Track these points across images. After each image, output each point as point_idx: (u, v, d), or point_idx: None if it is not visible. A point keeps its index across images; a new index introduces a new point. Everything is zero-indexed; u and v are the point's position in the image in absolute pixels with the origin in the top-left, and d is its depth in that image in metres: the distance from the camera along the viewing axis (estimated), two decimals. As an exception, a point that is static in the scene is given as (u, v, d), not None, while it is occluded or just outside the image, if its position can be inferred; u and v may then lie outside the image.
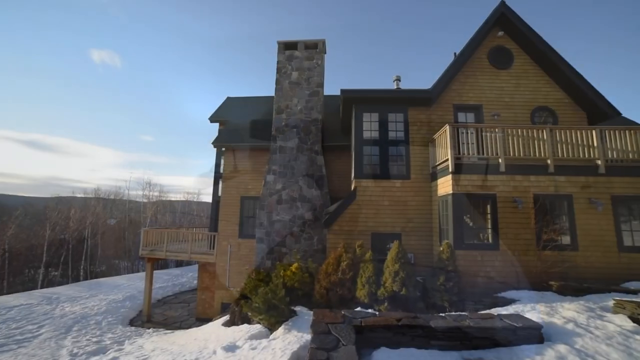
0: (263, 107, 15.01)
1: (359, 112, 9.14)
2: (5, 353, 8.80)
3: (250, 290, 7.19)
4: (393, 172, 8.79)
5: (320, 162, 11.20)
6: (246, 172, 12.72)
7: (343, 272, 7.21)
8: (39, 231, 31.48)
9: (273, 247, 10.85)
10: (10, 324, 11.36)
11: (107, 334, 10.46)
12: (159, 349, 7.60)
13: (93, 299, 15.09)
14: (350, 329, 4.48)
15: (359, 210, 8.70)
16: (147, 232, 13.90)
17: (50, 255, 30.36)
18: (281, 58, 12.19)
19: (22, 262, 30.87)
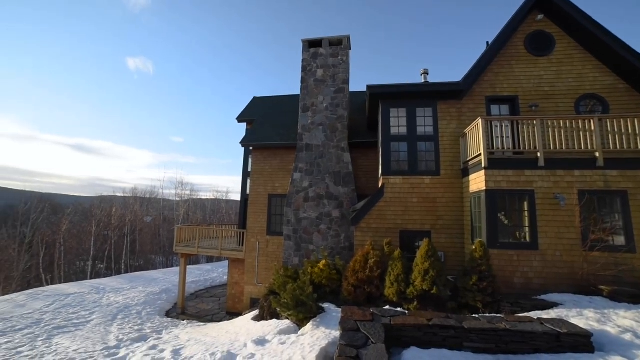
0: (289, 106, 15.19)
1: (385, 108, 8.97)
2: (66, 334, 9.77)
3: (279, 286, 7.33)
4: (422, 168, 8.55)
5: (347, 159, 11.14)
6: (273, 170, 12.92)
7: (371, 270, 7.15)
8: (86, 227, 34.17)
9: (300, 244, 10.96)
10: (68, 309, 12.53)
11: (146, 323, 11.14)
12: (194, 340, 7.96)
13: (133, 290, 16.10)
14: (379, 327, 4.43)
15: (386, 207, 8.56)
16: (180, 229, 14.57)
17: (96, 249, 32.84)
18: (306, 56, 12.23)
19: (74, 255, 33.72)
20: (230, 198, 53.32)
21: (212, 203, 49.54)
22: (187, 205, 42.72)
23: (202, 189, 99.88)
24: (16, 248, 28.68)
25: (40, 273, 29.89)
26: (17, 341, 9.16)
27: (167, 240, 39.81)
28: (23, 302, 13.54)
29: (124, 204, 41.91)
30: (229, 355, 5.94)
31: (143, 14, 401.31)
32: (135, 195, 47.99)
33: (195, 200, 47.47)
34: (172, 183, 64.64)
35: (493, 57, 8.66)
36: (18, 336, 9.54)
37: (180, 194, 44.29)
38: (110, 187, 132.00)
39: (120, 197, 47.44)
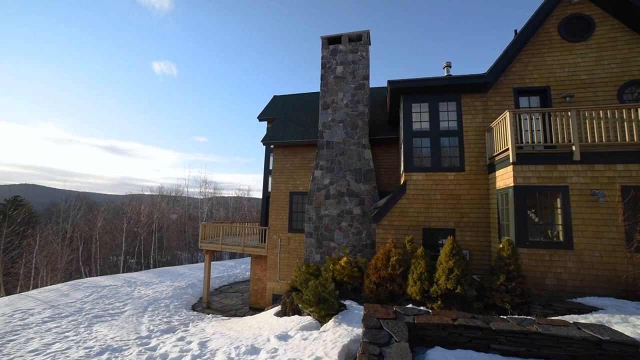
0: (309, 103, 15.23)
1: (407, 103, 8.78)
2: (104, 322, 10.43)
3: (301, 283, 7.39)
4: (445, 164, 8.31)
5: (368, 156, 11.02)
6: (294, 168, 13.03)
7: (393, 268, 7.05)
8: (118, 224, 36.11)
9: (321, 242, 11.00)
10: (105, 300, 13.34)
11: (174, 316, 11.62)
12: (219, 333, 8.21)
13: (161, 284, 16.83)
14: (402, 326, 4.37)
15: (409, 204, 8.40)
16: (205, 226, 15.03)
17: (127, 244, 34.64)
18: (325, 53, 12.19)
19: (108, 250, 35.78)
20: (251, 196, 54.39)
21: (235, 201, 50.72)
22: (211, 203, 44.00)
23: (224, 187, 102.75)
24: (59, 242, 30.80)
25: (79, 266, 31.99)
26: (64, 327, 9.92)
27: (192, 237, 41.28)
28: (67, 291, 14.59)
29: (151, 202, 43.82)
30: (253, 349, 6.08)
31: (167, 19, 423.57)
32: (161, 193, 50.09)
33: (218, 198, 48.81)
34: (196, 181, 66.91)
35: (522, 46, 8.21)
36: (64, 322, 10.33)
37: (204, 192, 45.69)
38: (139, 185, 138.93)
39: (148, 195, 49.62)
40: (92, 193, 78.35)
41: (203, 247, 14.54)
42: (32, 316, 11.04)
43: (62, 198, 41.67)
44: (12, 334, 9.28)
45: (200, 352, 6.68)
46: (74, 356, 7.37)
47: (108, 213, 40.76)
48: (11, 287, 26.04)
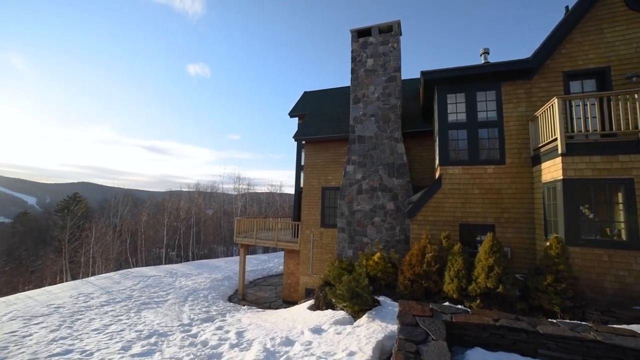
0: (340, 98, 15.14)
1: (442, 94, 8.41)
2: (150, 309, 11.24)
3: (334, 277, 7.42)
4: (484, 157, 7.86)
5: (401, 150, 10.75)
6: (326, 163, 13.04)
7: (428, 264, 6.85)
8: (160, 219, 38.61)
9: (354, 237, 10.95)
10: (150, 289, 14.35)
11: (212, 306, 12.21)
12: (254, 324, 8.51)
13: (200, 276, 17.76)
14: (440, 324, 4.23)
15: (444, 199, 8.09)
16: (240, 221, 15.57)
17: (168, 238, 36.96)
18: (355, 46, 12.00)
19: (151, 242, 38.47)
20: (283, 191, 55.43)
21: (267, 196, 52.04)
22: (244, 198, 45.52)
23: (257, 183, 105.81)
24: (111, 235, 33.68)
25: (128, 256, 34.77)
26: (118, 311, 10.87)
27: (227, 231, 43.06)
28: (118, 280, 15.95)
29: (189, 198, 46.27)
30: (287, 340, 6.22)
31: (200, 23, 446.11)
32: (198, 190, 52.67)
33: (251, 194, 50.36)
34: (231, 178, 69.77)
35: (575, 23, 7.38)
36: (118, 307, 11.32)
37: (238, 188, 47.36)
38: (177, 182, 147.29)
39: (186, 192, 52.48)
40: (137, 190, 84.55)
41: (238, 242, 15.08)
42: (93, 300, 12.25)
43: (112, 195, 45.45)
44: (79, 314, 10.43)
45: (238, 341, 6.97)
46: (127, 337, 8.04)
47: (151, 209, 43.75)
48: (75, 273, 29.08)
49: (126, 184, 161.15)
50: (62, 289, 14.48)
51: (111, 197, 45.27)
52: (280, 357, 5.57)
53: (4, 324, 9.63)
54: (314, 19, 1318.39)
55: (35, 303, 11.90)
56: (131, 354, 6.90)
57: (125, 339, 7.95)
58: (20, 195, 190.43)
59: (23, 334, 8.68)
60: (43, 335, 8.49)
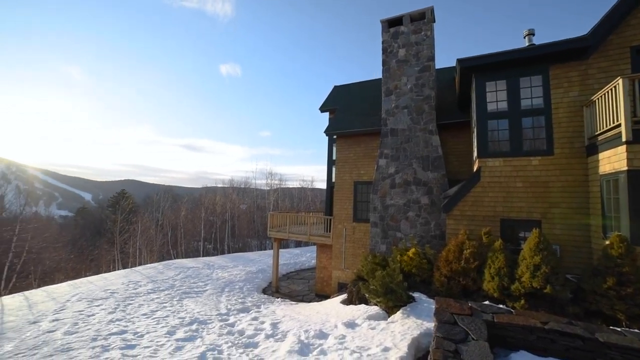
0: (370, 91, 14.86)
1: (480, 82, 7.92)
2: (191, 298, 11.91)
3: (367, 272, 7.36)
4: (528, 147, 7.29)
5: (436, 143, 10.33)
6: (358, 157, 12.89)
7: (466, 261, 6.55)
8: (197, 214, 40.71)
9: (387, 232, 10.76)
10: (190, 280, 15.19)
11: (247, 298, 12.68)
12: (288, 316, 8.70)
13: (235, 268, 18.47)
14: (480, 324, 4.03)
15: (483, 193, 7.65)
16: (273, 216, 15.94)
17: (205, 232, 38.87)
18: (386, 37, 11.66)
19: (190, 236, 40.76)
20: (315, 186, 55.85)
21: (299, 191, 52.72)
22: (277, 194, 46.49)
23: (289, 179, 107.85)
24: (154, 228, 36.22)
25: (169, 249, 37.17)
26: (162, 298, 11.65)
27: (260, 225, 44.34)
28: (161, 270, 17.10)
29: (224, 194, 48.14)
30: (321, 333, 6.29)
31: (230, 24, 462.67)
32: (232, 185, 54.61)
33: (283, 189, 51.30)
34: (263, 174, 71.32)
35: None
36: (162, 295, 12.14)
37: (270, 184, 48.45)
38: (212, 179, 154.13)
39: (220, 187, 54.59)
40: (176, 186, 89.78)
41: (272, 235, 15.46)
42: (141, 287, 13.24)
43: (154, 191, 48.65)
44: (130, 300, 11.35)
45: (273, 332, 7.18)
46: (172, 323, 8.61)
47: (189, 204, 46.25)
48: (125, 263, 31.78)
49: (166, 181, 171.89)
50: (115, 276, 15.85)
51: (153, 194, 48.62)
52: (314, 349, 5.65)
53: (73, 303, 10.95)
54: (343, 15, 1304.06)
55: (95, 287, 13.17)
56: (176, 338, 7.37)
57: (170, 324, 8.51)
58: (79, 192, 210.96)
59: (88, 314, 9.73)
60: (103, 316, 9.39)
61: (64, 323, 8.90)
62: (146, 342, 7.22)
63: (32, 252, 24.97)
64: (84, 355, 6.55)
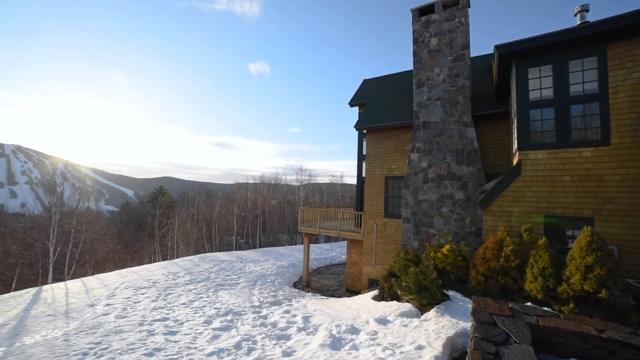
0: (401, 84, 14.45)
1: (522, 69, 7.38)
2: (225, 290, 12.42)
3: (399, 269, 7.23)
4: (577, 138, 6.69)
5: (471, 135, 9.84)
6: (389, 152, 12.63)
7: (506, 259, 6.20)
8: (230, 209, 42.23)
9: (420, 228, 10.47)
10: (224, 272, 15.86)
11: (279, 291, 12.98)
12: (319, 311, 8.79)
13: (266, 262, 18.97)
14: (523, 326, 3.81)
15: (525, 187, 7.17)
16: (303, 211, 16.12)
17: (238, 226, 40.25)
18: (417, 27, 11.22)
19: (223, 230, 42.46)
20: (344, 182, 55.69)
21: (328, 187, 52.87)
22: (306, 189, 46.97)
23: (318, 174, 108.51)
24: (190, 223, 38.18)
25: (204, 242, 39.00)
26: (199, 289, 12.27)
27: (290, 220, 45.13)
28: (197, 262, 18.02)
29: (255, 190, 49.49)
30: (352, 329, 6.30)
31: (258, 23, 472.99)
32: (263, 181, 55.94)
33: (313, 184, 51.71)
34: (293, 169, 72.50)
35: None
36: (199, 286, 12.79)
37: (300, 179, 49.01)
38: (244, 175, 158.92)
39: (252, 183, 56.17)
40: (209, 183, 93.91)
41: (302, 231, 15.65)
42: (179, 278, 14.06)
43: (189, 188, 51.17)
44: (170, 290, 12.09)
45: (304, 325, 7.29)
46: (208, 313, 9.06)
47: (222, 200, 48.09)
48: (164, 255, 33.89)
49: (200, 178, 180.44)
50: (156, 267, 16.96)
51: (189, 190, 51.14)
52: (346, 344, 5.67)
53: (121, 291, 11.95)
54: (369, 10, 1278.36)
55: (138, 277, 14.19)
56: (212, 327, 7.74)
57: (207, 314, 8.95)
58: (123, 189, 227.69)
59: (134, 301, 10.55)
60: (147, 304, 10.10)
61: (114, 308, 9.72)
62: (186, 329, 7.67)
63: (86, 243, 27.65)
64: (133, 338, 7.09)
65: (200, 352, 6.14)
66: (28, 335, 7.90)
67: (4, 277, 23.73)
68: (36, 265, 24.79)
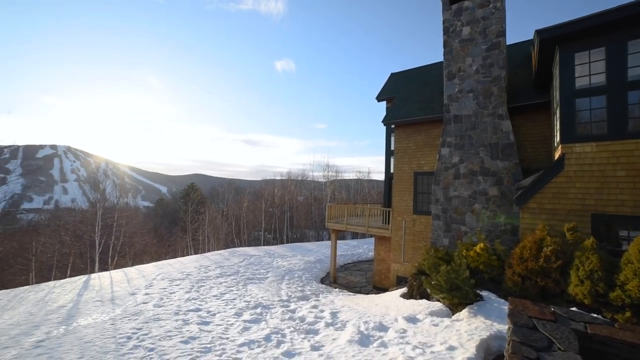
0: (430, 77, 13.97)
1: (567, 54, 6.82)
2: (254, 284, 12.77)
3: (429, 267, 7.03)
4: (635, 128, 6.07)
5: (507, 128, 9.29)
6: (418, 147, 12.30)
7: (547, 260, 5.82)
8: (258, 205, 43.27)
9: (450, 225, 10.10)
10: (253, 267, 16.33)
11: (306, 286, 13.12)
12: (347, 307, 8.78)
13: (294, 258, 19.24)
14: (569, 333, 3.54)
15: (569, 183, 6.66)
16: (331, 207, 16.14)
17: (266, 222, 41.15)
18: (447, 16, 10.72)
19: (252, 226, 43.67)
20: (371, 178, 55.11)
21: (355, 183, 52.56)
22: (333, 185, 46.97)
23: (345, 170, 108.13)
24: (220, 219, 39.64)
25: (233, 237, 40.30)
26: (229, 283, 12.72)
27: (317, 216, 45.43)
28: (227, 257, 18.67)
29: (282, 186, 50.27)
30: (381, 326, 6.22)
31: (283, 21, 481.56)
32: (290, 178, 56.65)
33: (339, 180, 51.65)
34: (319, 166, 72.57)
35: None
36: (229, 280, 13.26)
37: (327, 176, 49.10)
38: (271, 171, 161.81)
39: (279, 180, 57.04)
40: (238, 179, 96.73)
41: (329, 227, 15.68)
42: (210, 271, 14.66)
43: (219, 184, 53.05)
44: (202, 282, 12.65)
45: (332, 321, 7.31)
46: (239, 305, 9.36)
47: (250, 196, 49.39)
48: (196, 249, 35.48)
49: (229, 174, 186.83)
50: (188, 260, 17.82)
51: (218, 186, 53.05)
52: (374, 340, 5.62)
53: (158, 281, 12.69)
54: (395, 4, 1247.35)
55: (173, 269, 14.99)
56: (243, 319, 8.00)
57: (237, 306, 9.26)
58: (157, 185, 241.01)
59: (170, 291, 11.16)
60: (181, 295, 10.65)
61: (152, 297, 10.34)
62: (218, 320, 7.98)
63: (126, 236, 29.74)
64: (170, 326, 7.51)
65: (232, 343, 6.36)
66: (82, 317, 8.74)
67: (61, 265, 26.28)
68: (85, 255, 27.02)
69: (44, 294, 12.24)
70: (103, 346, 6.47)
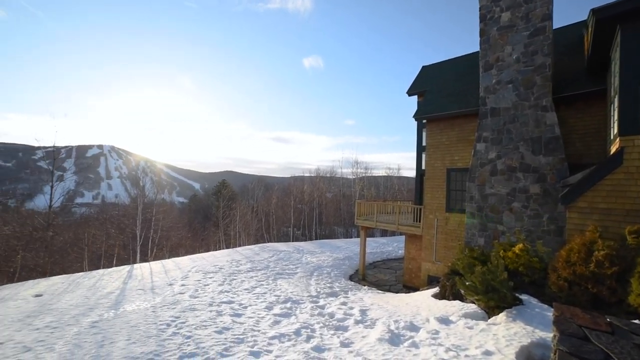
0: (463, 68, 13.31)
1: (630, 35, 6.12)
2: (284, 279, 12.98)
3: (463, 267, 6.72)
4: None
5: (551, 121, 8.61)
6: (451, 142, 11.81)
7: (598, 265, 5.32)
8: (287, 202, 44.01)
9: (486, 224, 9.60)
10: (282, 262, 16.60)
11: (335, 283, 13.13)
12: (376, 305, 8.67)
13: (322, 254, 19.31)
14: (630, 348, 3.19)
15: (628, 180, 6.02)
16: (360, 204, 15.99)
17: (295, 218, 41.79)
18: (484, 2, 10.08)
19: (281, 222, 44.54)
20: (401, 174, 53.95)
21: (385, 180, 51.76)
22: (362, 182, 46.58)
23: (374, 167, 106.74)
24: (250, 214, 40.86)
25: (263, 233, 41.37)
26: (259, 277, 13.04)
27: (346, 213, 45.35)
28: (257, 252, 19.17)
29: (311, 183, 50.67)
30: (412, 326, 6.07)
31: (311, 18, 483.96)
32: (318, 174, 56.93)
33: (368, 177, 51.12)
34: (348, 162, 72.51)
35: None
36: (259, 274, 13.60)
37: (356, 172, 48.77)
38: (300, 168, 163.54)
39: (308, 177, 57.57)
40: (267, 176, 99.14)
41: (359, 224, 15.56)
42: (241, 265, 15.13)
43: (249, 181, 54.56)
44: (233, 276, 13.08)
45: (362, 318, 7.25)
46: (269, 299, 9.58)
47: (279, 192, 50.35)
48: (227, 243, 36.91)
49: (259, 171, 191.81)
50: (221, 254, 18.53)
51: (249, 183, 54.60)
52: (405, 340, 5.49)
53: (193, 274, 13.30)
54: None
55: (206, 263, 15.67)
56: (273, 313, 8.17)
57: (268, 300, 9.47)
58: (191, 182, 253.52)
59: (204, 283, 11.66)
60: (214, 287, 11.10)
61: (188, 288, 10.89)
62: (249, 313, 8.22)
63: (163, 230, 31.67)
64: (205, 316, 7.86)
65: (263, 335, 6.52)
66: (127, 304, 9.45)
67: (108, 255, 28.65)
68: (128, 246, 29.13)
69: (95, 280, 13.35)
70: (146, 331, 6.93)
